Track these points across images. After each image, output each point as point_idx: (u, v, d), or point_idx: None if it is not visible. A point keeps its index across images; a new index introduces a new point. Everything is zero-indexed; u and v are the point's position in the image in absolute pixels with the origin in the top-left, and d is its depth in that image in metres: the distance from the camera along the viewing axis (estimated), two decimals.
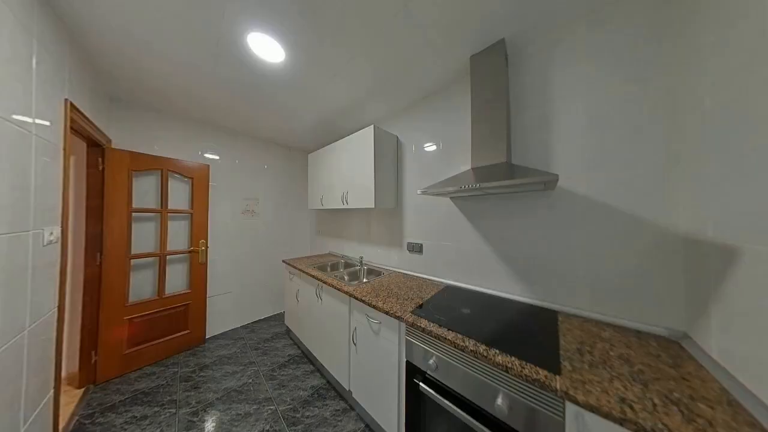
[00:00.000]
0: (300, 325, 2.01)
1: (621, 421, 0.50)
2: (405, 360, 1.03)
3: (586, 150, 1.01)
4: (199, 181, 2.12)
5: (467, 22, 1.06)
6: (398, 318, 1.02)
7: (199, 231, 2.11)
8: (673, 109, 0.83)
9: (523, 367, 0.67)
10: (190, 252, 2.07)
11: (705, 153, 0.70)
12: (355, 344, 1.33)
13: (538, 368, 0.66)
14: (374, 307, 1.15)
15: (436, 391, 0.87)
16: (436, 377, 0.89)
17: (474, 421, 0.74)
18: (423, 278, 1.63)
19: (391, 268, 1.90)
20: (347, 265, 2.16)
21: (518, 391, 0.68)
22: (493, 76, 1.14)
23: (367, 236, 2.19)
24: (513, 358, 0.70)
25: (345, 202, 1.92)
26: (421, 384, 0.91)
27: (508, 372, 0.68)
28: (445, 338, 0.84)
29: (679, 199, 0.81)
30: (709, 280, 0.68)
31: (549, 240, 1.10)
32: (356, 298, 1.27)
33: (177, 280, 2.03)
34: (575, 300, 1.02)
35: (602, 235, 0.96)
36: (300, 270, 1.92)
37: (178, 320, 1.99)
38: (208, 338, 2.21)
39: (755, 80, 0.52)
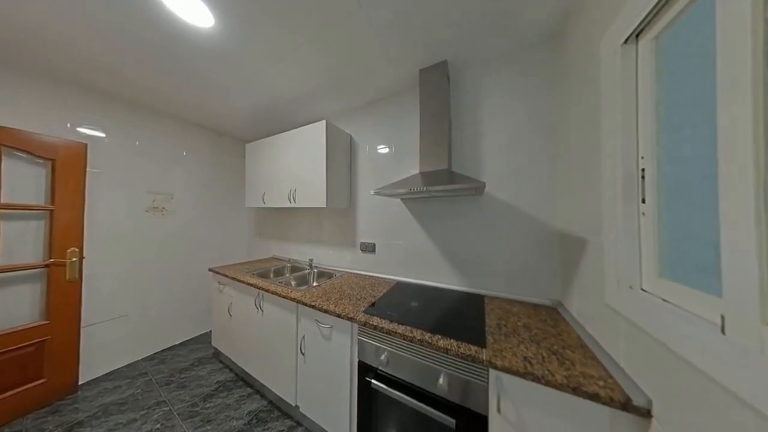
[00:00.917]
0: (233, 344, 1.75)
1: (524, 375, 0.68)
2: (357, 361, 1.06)
3: (504, 164, 1.27)
4: (65, 165, 1.51)
5: (417, 38, 1.14)
6: (351, 319, 1.04)
7: (65, 235, 1.51)
8: (557, 138, 1.14)
9: (459, 347, 0.79)
10: (47, 266, 1.46)
11: (570, 173, 1.00)
12: (303, 354, 1.28)
13: (470, 345, 0.80)
14: (325, 311, 1.13)
15: (387, 385, 0.94)
16: (387, 371, 0.96)
17: (421, 405, 0.84)
18: (376, 277, 1.69)
19: (343, 269, 1.88)
20: (294, 269, 2.01)
21: (455, 368, 0.81)
22: (438, 92, 1.28)
23: (318, 237, 2.10)
24: (452, 341, 0.82)
25: (292, 200, 1.78)
26: (373, 381, 0.96)
27: (448, 353, 0.79)
28: (396, 332, 0.90)
29: (559, 205, 1.13)
30: (571, 263, 0.99)
31: (478, 237, 1.34)
32: (305, 304, 1.22)
33: (20, 308, 1.40)
34: (496, 285, 1.29)
35: (513, 231, 1.25)
36: (234, 279, 1.67)
37: (24, 367, 1.38)
38: (84, 383, 1.63)
39: (592, 127, 0.79)
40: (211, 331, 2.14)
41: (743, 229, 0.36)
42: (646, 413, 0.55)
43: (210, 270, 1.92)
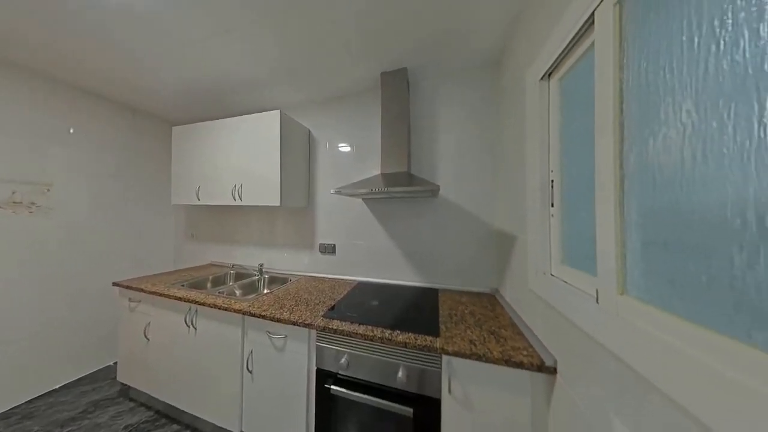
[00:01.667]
0: (152, 375, 1.42)
1: (470, 356, 0.79)
2: (315, 369, 1.02)
3: (455, 170, 1.43)
4: None
5: (378, 41, 1.17)
6: (308, 326, 0.99)
7: None
8: (496, 151, 1.35)
9: (417, 339, 0.86)
10: None
11: (506, 180, 1.20)
12: (250, 372, 1.15)
13: (426, 336, 0.87)
14: (278, 320, 1.05)
15: (347, 389, 0.93)
16: (347, 375, 0.96)
17: (381, 401, 0.87)
18: (336, 279, 1.66)
19: (300, 273, 1.78)
20: (240, 276, 1.79)
21: (413, 360, 0.87)
22: (398, 97, 1.35)
23: (271, 239, 1.92)
24: (410, 334, 0.88)
25: (237, 197, 1.58)
26: (332, 387, 0.95)
27: (406, 347, 0.84)
28: (357, 333, 0.91)
29: (497, 208, 1.34)
30: (505, 256, 1.19)
31: (433, 236, 1.47)
32: (253, 315, 1.10)
33: None
34: (448, 278, 1.44)
35: (462, 230, 1.42)
36: (154, 293, 1.36)
37: None
38: None
39: (520, 143, 0.97)
40: (115, 363, 1.69)
41: (607, 228, 0.50)
42: (553, 371, 0.71)
43: (115, 285, 1.50)
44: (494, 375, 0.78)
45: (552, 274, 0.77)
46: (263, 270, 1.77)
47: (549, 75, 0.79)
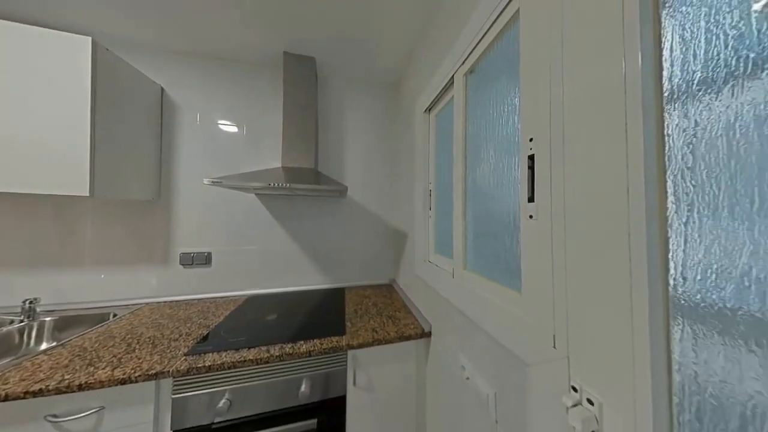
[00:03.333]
0: None
1: (372, 343, 0.88)
2: None
3: (362, 172, 1.54)
4: None
5: (280, 13, 1.05)
6: (155, 376, 0.70)
7: None
8: (394, 160, 1.59)
9: (323, 343, 0.83)
10: None
11: (401, 187, 1.44)
12: None
13: (332, 338, 0.88)
14: (79, 388, 0.64)
15: None
16: (228, 418, 0.76)
17: (278, 429, 0.78)
18: (212, 299, 1.29)
19: (141, 301, 1.21)
20: None
21: (318, 367, 0.83)
22: (306, 86, 1.26)
23: (64, 253, 1.15)
24: (315, 341, 0.84)
25: None
26: None
27: (311, 355, 0.79)
28: (246, 360, 0.75)
29: (395, 209, 1.58)
30: (400, 249, 1.44)
31: (341, 235, 1.50)
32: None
33: None
34: (355, 276, 1.52)
35: (367, 229, 1.55)
36: None
37: None
38: None
39: (410, 158, 1.21)
40: None
41: (458, 225, 0.74)
42: (429, 334, 0.94)
43: None
44: (390, 352, 0.93)
45: (429, 261, 1.02)
46: (37, 311, 1.02)
47: (430, 110, 1.05)
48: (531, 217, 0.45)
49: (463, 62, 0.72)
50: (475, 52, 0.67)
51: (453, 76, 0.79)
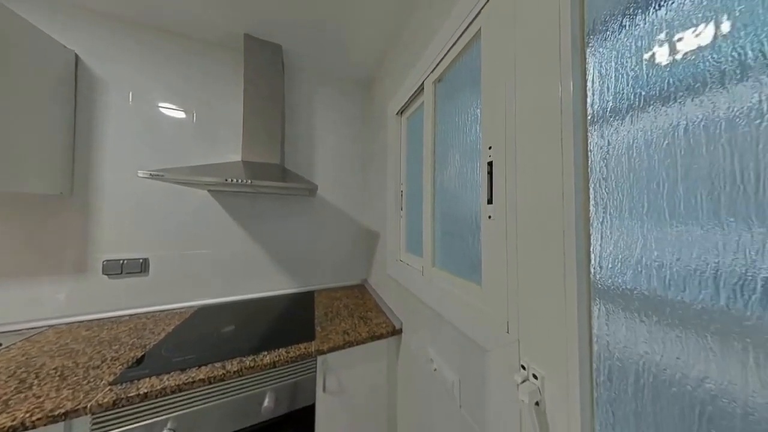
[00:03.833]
0: None
1: (344, 346, 0.87)
2: None
3: (333, 170, 1.51)
4: None
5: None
6: (65, 416, 0.56)
7: None
8: (367, 160, 1.59)
9: (289, 352, 0.79)
10: None
11: (373, 187, 1.45)
12: None
13: (300, 345, 0.84)
14: None
15: None
16: None
17: None
18: (148, 313, 1.10)
19: (44, 323, 0.97)
20: None
21: (284, 377, 0.79)
22: (271, 74, 1.18)
23: None
24: (280, 350, 0.80)
25: None
26: None
27: (275, 366, 0.75)
28: (194, 381, 0.67)
29: (367, 209, 1.58)
30: (371, 249, 1.45)
31: (311, 236, 1.45)
32: None
33: None
34: (324, 278, 1.48)
35: (338, 229, 1.52)
36: None
37: None
38: None
39: (383, 158, 1.23)
40: None
41: (427, 225, 0.78)
42: (400, 331, 0.97)
43: None
44: (362, 353, 0.93)
45: (400, 260, 1.05)
46: None
47: (402, 112, 1.08)
48: (490, 217, 0.50)
49: (433, 70, 0.77)
50: (444, 61, 0.72)
51: (423, 83, 0.83)
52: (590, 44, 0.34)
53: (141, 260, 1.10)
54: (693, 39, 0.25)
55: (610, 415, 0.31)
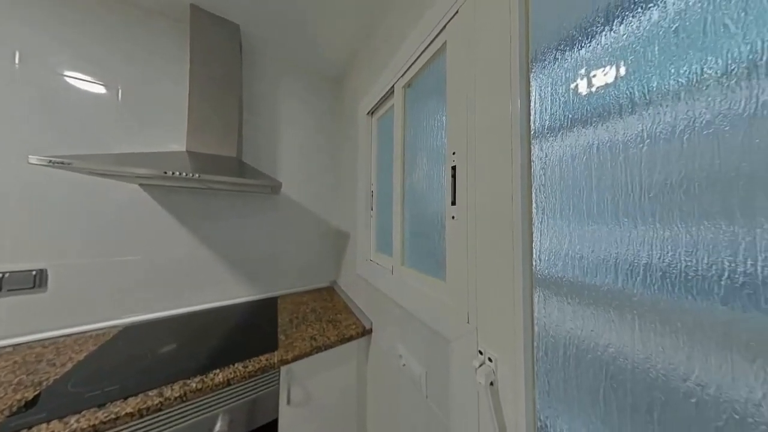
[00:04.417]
0: None
1: (311, 353, 0.84)
2: None
3: (300, 168, 1.44)
4: None
5: None
6: None
7: None
8: (336, 158, 1.56)
9: (247, 366, 0.72)
10: None
11: (344, 186, 1.44)
12: None
13: (260, 357, 0.77)
14: None
15: None
16: None
17: None
18: (47, 340, 0.87)
19: None
20: None
21: (240, 395, 0.72)
22: (225, 55, 1.07)
23: None
24: (236, 366, 0.73)
25: None
26: None
27: (230, 384, 0.69)
28: (117, 417, 0.56)
29: (337, 208, 1.55)
30: (341, 250, 1.43)
31: (274, 238, 1.36)
32: None
33: None
34: (289, 282, 1.40)
35: (306, 230, 1.46)
36: None
37: None
38: None
39: (353, 158, 1.23)
40: None
41: (397, 225, 0.81)
42: (369, 331, 0.98)
43: None
44: (331, 358, 0.91)
45: (371, 260, 1.07)
46: None
47: (372, 113, 1.09)
48: (453, 217, 0.55)
49: (403, 74, 0.80)
50: (413, 68, 0.76)
51: (393, 86, 0.86)
52: (533, 70, 0.40)
53: (34, 272, 0.87)
54: (602, 77, 0.32)
55: (547, 384, 0.37)
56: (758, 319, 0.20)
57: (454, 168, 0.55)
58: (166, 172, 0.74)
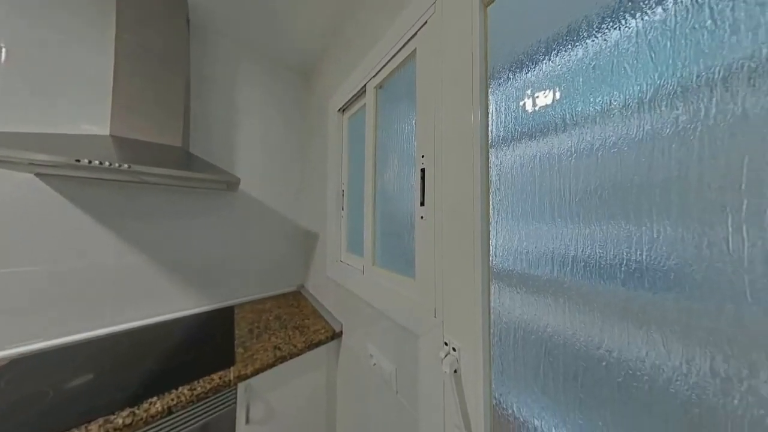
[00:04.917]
0: None
1: (274, 363, 0.80)
2: None
3: (262, 163, 1.35)
4: None
5: None
6: None
7: None
8: (305, 156, 1.50)
9: (195, 388, 0.65)
10: None
11: (312, 185, 1.39)
12: None
13: (212, 375, 0.69)
14: None
15: None
16: None
17: None
18: None
19: None
20: None
21: (185, 422, 0.65)
22: (166, 28, 0.93)
23: None
24: (181, 389, 0.65)
25: None
26: None
27: (172, 412, 0.61)
28: None
29: (304, 208, 1.49)
30: (309, 252, 1.38)
31: (228, 239, 1.23)
32: None
33: None
34: (248, 289, 1.29)
35: (268, 230, 1.37)
36: None
37: None
38: None
39: (323, 156, 1.20)
40: None
41: (368, 225, 0.82)
42: (339, 334, 0.97)
43: None
44: (297, 366, 0.88)
45: (341, 261, 1.06)
46: None
47: (343, 111, 1.08)
48: (422, 217, 0.59)
49: (375, 75, 0.82)
50: (385, 69, 0.78)
51: (365, 86, 0.87)
52: (491, 85, 0.46)
53: None
54: (543, 98, 0.38)
55: (501, 365, 0.42)
56: (644, 296, 0.27)
57: (423, 170, 0.59)
58: (79, 160, 0.62)
